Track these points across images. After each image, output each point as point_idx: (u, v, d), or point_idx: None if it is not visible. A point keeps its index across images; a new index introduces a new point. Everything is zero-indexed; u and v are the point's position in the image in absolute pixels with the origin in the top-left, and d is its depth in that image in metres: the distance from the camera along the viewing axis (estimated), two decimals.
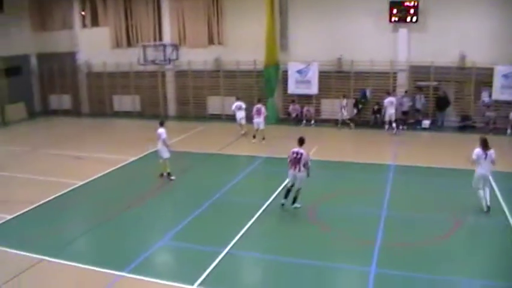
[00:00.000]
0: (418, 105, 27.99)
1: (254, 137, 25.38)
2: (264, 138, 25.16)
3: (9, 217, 16.09)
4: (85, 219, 16.08)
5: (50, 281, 12.30)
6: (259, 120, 25.19)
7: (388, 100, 26.44)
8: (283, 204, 15.93)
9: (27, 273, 12.35)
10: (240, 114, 26.59)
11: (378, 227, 14.38)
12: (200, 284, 11.45)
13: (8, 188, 19.54)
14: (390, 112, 26.45)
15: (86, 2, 35.91)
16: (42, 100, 38.66)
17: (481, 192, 15.30)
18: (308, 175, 15.56)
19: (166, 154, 19.48)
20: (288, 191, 15.85)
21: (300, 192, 15.70)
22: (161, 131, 19.34)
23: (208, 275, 11.87)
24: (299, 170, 15.30)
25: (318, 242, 13.82)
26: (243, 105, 26.65)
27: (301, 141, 15.56)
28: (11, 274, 12.25)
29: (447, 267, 12.13)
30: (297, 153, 15.32)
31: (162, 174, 19.82)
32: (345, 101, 28.38)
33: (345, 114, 28.44)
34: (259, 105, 25.52)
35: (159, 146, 19.46)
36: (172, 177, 19.66)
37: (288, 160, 15.55)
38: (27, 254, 13.26)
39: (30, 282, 12.10)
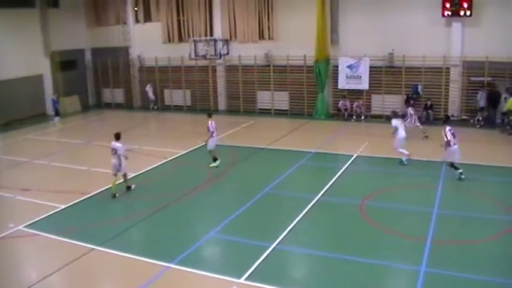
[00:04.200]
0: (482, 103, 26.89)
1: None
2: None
3: (62, 207, 16.56)
4: (135, 211, 16.34)
5: (100, 270, 12.63)
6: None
7: None
8: None
9: (78, 262, 12.66)
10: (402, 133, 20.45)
11: (429, 225, 14.11)
12: (247, 278, 11.48)
13: (61, 179, 20.10)
14: None
15: None
16: (95, 93, 39.73)
17: None
18: None
19: (124, 170, 17.85)
20: None
21: None
22: (119, 145, 17.55)
23: (255, 269, 11.90)
24: None
25: (367, 238, 13.67)
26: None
27: None
28: (63, 262, 12.59)
29: (501, 268, 11.80)
30: None
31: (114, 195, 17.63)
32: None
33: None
34: (209, 122, 20.41)
35: (114, 160, 17.49)
36: (133, 187, 18.27)
37: None
38: (79, 243, 13.62)
39: (80, 271, 12.40)
